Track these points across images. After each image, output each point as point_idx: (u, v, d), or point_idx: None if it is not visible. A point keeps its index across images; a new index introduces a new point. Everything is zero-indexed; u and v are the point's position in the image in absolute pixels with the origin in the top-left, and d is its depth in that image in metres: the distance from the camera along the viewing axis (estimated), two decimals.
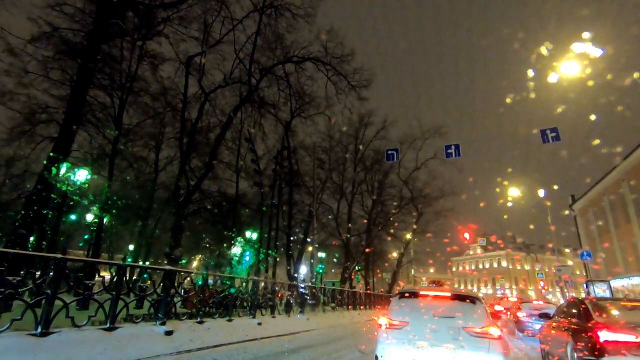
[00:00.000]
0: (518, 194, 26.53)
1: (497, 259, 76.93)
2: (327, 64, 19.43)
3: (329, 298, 16.35)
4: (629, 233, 24.85)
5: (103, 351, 5.12)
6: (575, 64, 11.74)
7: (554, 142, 12.51)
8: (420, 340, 4.34)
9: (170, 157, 25.09)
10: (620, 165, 24.95)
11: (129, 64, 16.93)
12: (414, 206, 32.03)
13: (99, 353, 5.07)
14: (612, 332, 4.80)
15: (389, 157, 17.53)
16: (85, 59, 11.63)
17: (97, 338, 5.28)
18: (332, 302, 16.37)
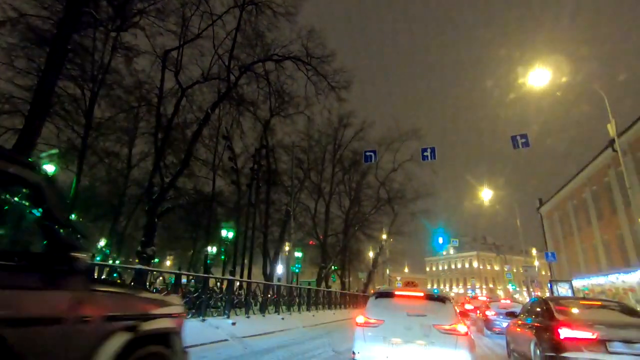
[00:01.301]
0: (490, 196, 27.50)
1: (468, 260, 79.41)
2: (307, 63, 19.42)
3: (304, 297, 16.37)
4: (590, 235, 26.29)
5: None
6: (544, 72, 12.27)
7: (523, 148, 13.07)
8: (394, 337, 4.60)
9: (143, 153, 24.34)
10: (584, 171, 26.37)
11: (101, 55, 16.29)
12: (390, 207, 32.57)
13: None
14: (572, 330, 5.07)
15: (366, 158, 17.76)
16: (54, 47, 11.10)
17: None
18: (307, 302, 16.40)
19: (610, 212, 23.10)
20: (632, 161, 19.29)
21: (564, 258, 30.65)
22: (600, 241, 24.72)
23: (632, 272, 20.46)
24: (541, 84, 12.57)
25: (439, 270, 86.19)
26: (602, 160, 23.28)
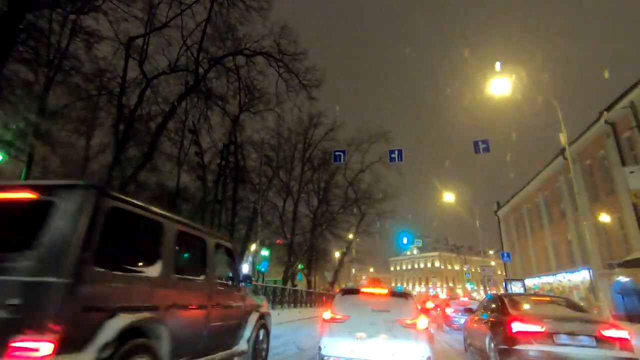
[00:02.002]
0: (452, 199, 28.62)
1: (430, 260, 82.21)
2: (279, 60, 19.26)
3: (270, 296, 16.22)
4: (542, 238, 28.02)
5: None
6: (505, 80, 12.92)
7: (484, 153, 13.71)
8: (359, 332, 4.79)
9: (103, 145, 23.09)
10: (537, 177, 28.06)
11: (58, 38, 15.25)
12: (357, 207, 33.02)
13: None
14: (523, 323, 5.36)
15: (336, 157, 17.91)
16: (3, 26, 10.28)
17: None
18: (272, 300, 16.28)
19: (560, 216, 24.74)
20: (580, 169, 20.77)
21: (518, 258, 32.48)
22: (551, 243, 26.41)
23: (577, 272, 22.04)
24: (502, 92, 13.22)
25: (403, 269, 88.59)
26: (554, 167, 24.89)
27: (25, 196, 2.79)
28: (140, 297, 3.07)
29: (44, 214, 2.62)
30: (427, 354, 4.68)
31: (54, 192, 2.75)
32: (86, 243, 2.59)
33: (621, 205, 17.53)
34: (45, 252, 2.48)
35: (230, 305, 4.69)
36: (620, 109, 16.98)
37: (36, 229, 2.55)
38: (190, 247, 4.22)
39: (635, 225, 16.26)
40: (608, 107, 17.88)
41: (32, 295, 2.36)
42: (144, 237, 3.43)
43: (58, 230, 2.56)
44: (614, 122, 17.76)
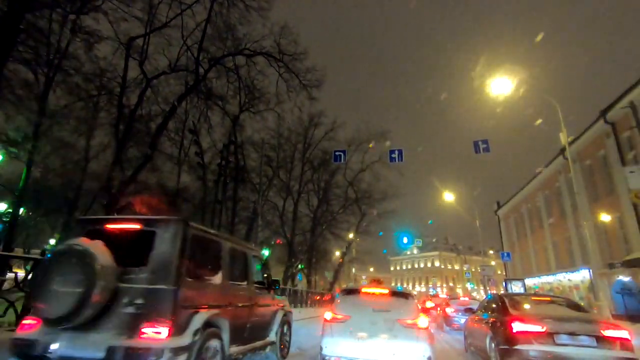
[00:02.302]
0: (453, 199, 28.63)
1: (430, 259, 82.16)
2: (279, 60, 19.24)
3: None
4: (542, 237, 28.01)
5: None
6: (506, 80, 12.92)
7: (484, 153, 13.70)
8: (360, 332, 4.80)
9: (103, 145, 23.08)
10: (537, 176, 28.06)
11: (58, 38, 15.23)
12: (357, 207, 33.01)
13: (6, 357, 4.51)
14: (523, 323, 5.36)
15: (336, 157, 17.91)
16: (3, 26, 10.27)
17: (4, 341, 4.70)
18: None
19: (560, 216, 24.74)
20: (580, 168, 20.78)
21: (518, 258, 32.48)
22: (551, 243, 26.42)
23: (577, 271, 22.05)
24: (502, 92, 13.22)
25: (403, 269, 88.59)
26: (554, 167, 24.88)
27: (136, 227, 3.94)
28: (211, 298, 4.23)
29: (151, 240, 3.75)
30: (428, 354, 4.69)
31: (156, 224, 3.89)
32: (181, 260, 3.72)
33: (621, 205, 17.53)
34: (156, 268, 3.61)
35: (263, 305, 5.75)
36: (620, 109, 16.98)
37: (148, 251, 3.69)
38: (237, 259, 5.26)
39: (635, 224, 16.27)
40: (608, 107, 17.89)
41: (151, 297, 3.47)
42: (210, 254, 4.55)
43: (162, 252, 3.70)
44: (614, 122, 17.76)
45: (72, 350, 3.33)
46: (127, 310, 3.44)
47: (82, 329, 3.36)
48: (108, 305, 3.43)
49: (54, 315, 3.31)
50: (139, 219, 4.09)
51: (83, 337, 3.36)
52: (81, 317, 3.30)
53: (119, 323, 3.42)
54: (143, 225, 3.94)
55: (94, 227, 4.08)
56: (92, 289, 3.30)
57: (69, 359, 3.35)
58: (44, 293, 3.38)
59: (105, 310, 3.43)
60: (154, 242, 3.74)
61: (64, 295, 3.30)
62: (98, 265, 3.39)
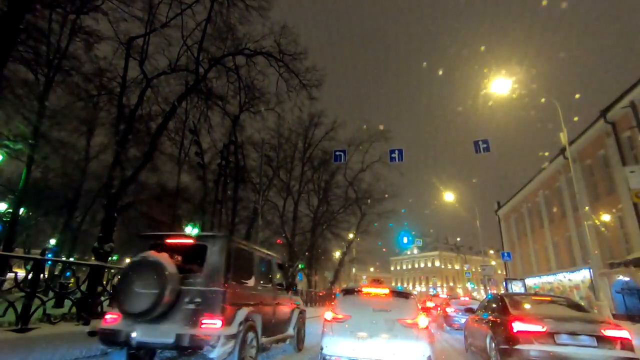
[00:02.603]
0: (452, 198, 28.63)
1: (431, 259, 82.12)
2: (279, 59, 19.20)
3: None
4: (542, 237, 28.00)
5: (13, 354, 4.57)
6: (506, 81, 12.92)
7: (485, 152, 13.69)
8: (360, 331, 4.81)
9: (103, 145, 23.08)
10: (538, 176, 28.05)
11: (58, 38, 15.22)
12: (357, 206, 32.99)
13: (7, 357, 4.51)
14: (524, 323, 5.36)
15: (336, 157, 17.87)
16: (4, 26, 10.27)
17: (5, 340, 4.70)
18: None
19: (560, 216, 24.73)
20: (581, 168, 20.76)
21: (518, 258, 32.47)
22: (551, 242, 26.40)
23: (577, 271, 22.04)
24: (503, 92, 13.21)
25: (403, 269, 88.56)
26: (554, 167, 24.87)
27: (191, 242, 4.99)
28: (248, 297, 5.20)
29: (204, 252, 4.74)
30: (428, 354, 4.69)
31: (207, 239, 4.90)
32: (227, 268, 4.72)
33: (621, 205, 17.52)
34: (209, 273, 4.61)
35: (284, 304, 6.77)
36: (620, 109, 16.97)
37: (202, 261, 4.70)
38: (264, 266, 6.32)
39: (635, 224, 16.26)
40: (608, 106, 17.88)
41: (206, 296, 4.44)
42: (246, 262, 5.54)
43: (213, 261, 4.69)
44: (614, 121, 17.75)
45: (147, 337, 4.28)
46: (188, 307, 4.41)
47: (154, 321, 4.30)
48: (174, 303, 4.38)
49: (135, 311, 4.23)
50: (194, 235, 5.21)
51: (156, 327, 4.30)
52: (156, 312, 4.24)
53: (183, 316, 4.39)
54: (196, 240, 5.00)
55: (155, 241, 5.06)
56: (163, 291, 4.23)
57: (145, 344, 4.35)
58: (127, 293, 4.30)
59: (172, 306, 4.38)
60: (206, 253, 4.75)
61: (143, 295, 4.23)
62: (167, 273, 4.33)
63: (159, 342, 4.31)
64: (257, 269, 5.82)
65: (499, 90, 13.43)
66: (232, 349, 4.45)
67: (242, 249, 5.43)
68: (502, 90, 13.39)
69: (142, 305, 4.21)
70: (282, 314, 6.53)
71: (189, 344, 4.20)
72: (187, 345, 4.20)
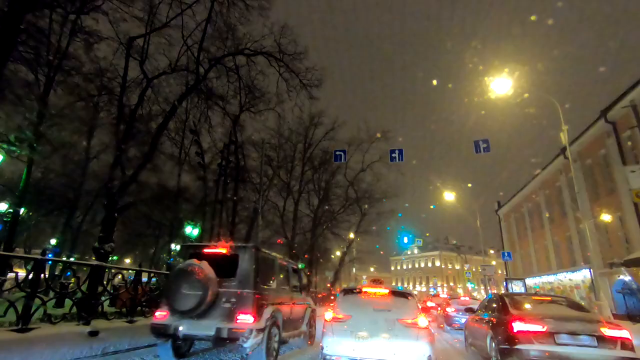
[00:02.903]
0: (453, 198, 28.61)
1: (431, 259, 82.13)
2: (280, 59, 19.18)
3: None
4: (542, 237, 27.99)
5: (13, 354, 4.58)
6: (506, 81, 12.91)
7: (485, 152, 13.70)
8: (360, 331, 4.82)
9: (103, 145, 23.09)
10: (538, 176, 28.03)
11: (58, 38, 15.22)
12: (358, 206, 32.97)
13: (7, 357, 4.52)
14: (524, 323, 5.36)
15: (336, 157, 17.89)
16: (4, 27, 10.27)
17: (6, 340, 4.70)
18: None
19: (561, 215, 24.71)
20: (581, 168, 20.74)
21: (519, 258, 32.45)
22: (551, 242, 26.39)
23: (578, 271, 22.02)
24: (503, 91, 13.20)
25: (404, 269, 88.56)
26: (555, 166, 24.84)
27: (228, 252, 5.82)
28: (272, 298, 6.09)
29: (236, 260, 5.67)
30: (428, 353, 4.70)
31: (238, 249, 5.83)
32: (256, 273, 5.64)
33: (622, 205, 17.50)
34: (242, 278, 5.54)
35: (299, 304, 7.61)
36: (620, 108, 16.95)
37: (235, 267, 5.61)
38: (283, 270, 7.25)
39: (636, 224, 16.24)
40: (609, 106, 17.86)
41: (240, 297, 5.36)
42: (269, 268, 6.47)
43: (244, 268, 5.61)
44: (615, 121, 17.73)
45: (192, 330, 5.18)
46: (225, 305, 5.34)
47: (198, 317, 5.21)
48: (213, 302, 5.30)
49: (183, 309, 5.13)
50: (229, 246, 5.99)
51: (199, 322, 5.21)
52: (200, 310, 5.14)
53: (222, 313, 5.31)
54: (229, 250, 5.86)
55: (195, 251, 5.99)
56: (206, 292, 5.13)
57: (190, 335, 5.30)
58: (176, 294, 5.20)
59: (212, 305, 5.29)
60: (238, 261, 5.68)
61: (189, 296, 5.12)
62: (208, 278, 5.22)
63: (202, 334, 5.20)
64: (278, 274, 6.78)
65: (499, 90, 13.42)
66: (261, 340, 5.31)
67: (266, 257, 6.40)
68: (502, 90, 13.38)
69: (189, 304, 5.10)
70: (297, 313, 7.45)
71: (227, 336, 5.08)
72: (225, 336, 5.08)
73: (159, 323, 5.33)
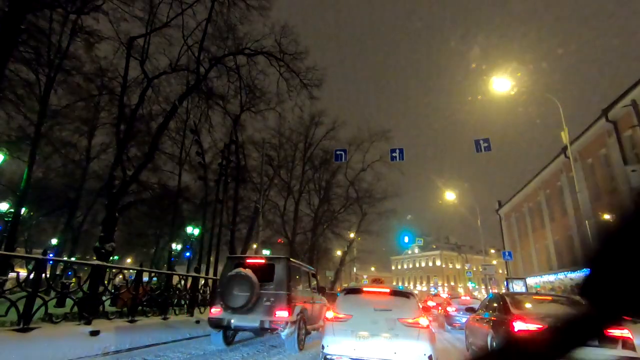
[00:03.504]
0: (453, 197, 28.59)
1: (432, 258, 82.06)
2: (280, 59, 19.18)
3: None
4: (543, 236, 27.95)
5: (14, 354, 4.59)
6: (506, 80, 12.90)
7: (485, 151, 13.69)
8: (361, 331, 4.82)
9: (104, 145, 23.14)
10: (539, 175, 28.00)
11: (59, 38, 15.22)
12: (358, 206, 32.97)
13: (9, 356, 4.53)
14: (525, 323, 5.35)
15: (337, 157, 17.89)
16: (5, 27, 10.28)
17: (7, 340, 4.71)
18: None
19: (561, 215, 24.67)
20: (582, 167, 20.71)
21: (520, 257, 32.42)
22: (552, 242, 26.35)
23: (578, 271, 21.98)
24: (503, 90, 13.19)
25: (404, 268, 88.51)
26: (556, 166, 24.80)
27: (264, 262, 7.52)
28: (300, 298, 7.59)
29: (273, 268, 7.28)
30: (429, 353, 4.69)
31: (275, 260, 7.59)
32: (288, 278, 7.20)
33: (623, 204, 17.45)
34: (278, 282, 7.15)
35: (317, 302, 8.98)
36: (621, 107, 16.92)
37: (272, 274, 7.19)
38: (306, 275, 8.94)
39: None
40: (609, 105, 17.83)
41: (277, 297, 6.97)
42: (297, 274, 8.02)
43: (280, 274, 7.21)
44: (616, 120, 17.70)
45: (241, 322, 6.77)
46: (266, 304, 6.90)
47: (245, 312, 6.78)
48: (257, 301, 6.86)
49: (235, 306, 6.76)
50: (265, 257, 8.39)
51: (246, 316, 6.78)
52: (247, 307, 6.74)
53: (263, 309, 6.85)
54: (267, 261, 7.63)
55: (239, 261, 7.66)
56: (252, 293, 6.77)
57: (240, 327, 6.92)
58: (229, 295, 6.82)
59: (256, 303, 6.84)
60: (275, 269, 7.29)
61: (239, 296, 6.76)
62: (253, 282, 6.82)
63: (249, 325, 6.80)
64: (303, 278, 8.44)
65: (500, 89, 13.41)
66: (294, 331, 6.82)
67: (295, 266, 8.09)
68: (503, 89, 13.38)
69: (239, 302, 6.73)
70: (317, 310, 8.74)
71: (269, 327, 6.66)
72: (267, 327, 6.67)
73: (215, 317, 6.91)
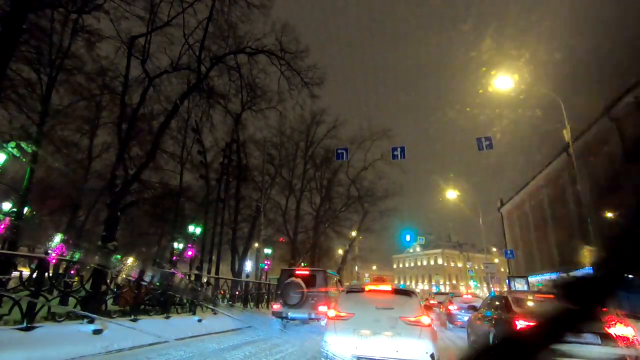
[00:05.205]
0: (455, 196, 28.56)
1: (433, 257, 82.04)
2: (281, 58, 19.16)
3: (273, 294, 16.27)
4: (545, 234, 27.91)
5: (18, 353, 4.61)
6: (508, 77, 12.86)
7: (487, 150, 13.66)
8: (363, 329, 4.83)
9: (106, 144, 23.18)
10: (541, 173, 27.94)
11: (60, 38, 15.24)
12: (360, 204, 32.97)
13: (12, 355, 4.55)
14: (527, 321, 5.35)
15: (338, 155, 17.89)
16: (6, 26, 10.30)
17: (11, 338, 4.74)
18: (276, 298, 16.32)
19: (564, 213, 24.61)
20: (584, 165, 20.63)
21: (522, 255, 32.38)
22: (554, 240, 26.30)
23: (581, 269, 21.92)
24: (505, 88, 13.15)
25: (406, 267, 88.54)
26: (558, 164, 24.73)
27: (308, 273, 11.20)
28: (333, 297, 9.80)
29: (315, 277, 10.96)
30: (431, 351, 4.69)
31: (316, 272, 11.36)
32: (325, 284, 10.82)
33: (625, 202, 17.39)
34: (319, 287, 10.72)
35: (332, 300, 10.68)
36: (624, 105, 16.85)
37: (315, 281, 10.81)
38: (335, 281, 12.10)
39: None
40: (612, 103, 17.75)
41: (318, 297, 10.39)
42: (330, 281, 11.34)
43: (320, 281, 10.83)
44: (618, 118, 17.62)
45: (295, 314, 10.08)
46: (311, 302, 10.03)
47: (297, 307, 10.00)
48: (305, 300, 9.97)
49: (291, 303, 10.02)
50: (310, 269, 12.13)
51: (298, 310, 10.02)
52: (299, 304, 9.99)
53: (310, 305, 9.99)
54: (311, 272, 11.01)
55: (291, 272, 10.94)
56: (303, 295, 10.03)
57: (294, 318, 10.18)
58: (287, 296, 10.09)
59: (304, 301, 9.98)
60: (316, 278, 10.67)
61: (294, 296, 10.05)
62: (303, 287, 10.08)
63: (300, 317, 10.01)
64: (332, 283, 11.25)
65: (502, 86, 13.37)
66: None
67: (329, 275, 11.21)
68: (505, 86, 13.34)
69: (294, 301, 9.93)
70: None
71: (314, 317, 9.68)
72: (313, 317, 9.73)
73: (277, 311, 10.26)
